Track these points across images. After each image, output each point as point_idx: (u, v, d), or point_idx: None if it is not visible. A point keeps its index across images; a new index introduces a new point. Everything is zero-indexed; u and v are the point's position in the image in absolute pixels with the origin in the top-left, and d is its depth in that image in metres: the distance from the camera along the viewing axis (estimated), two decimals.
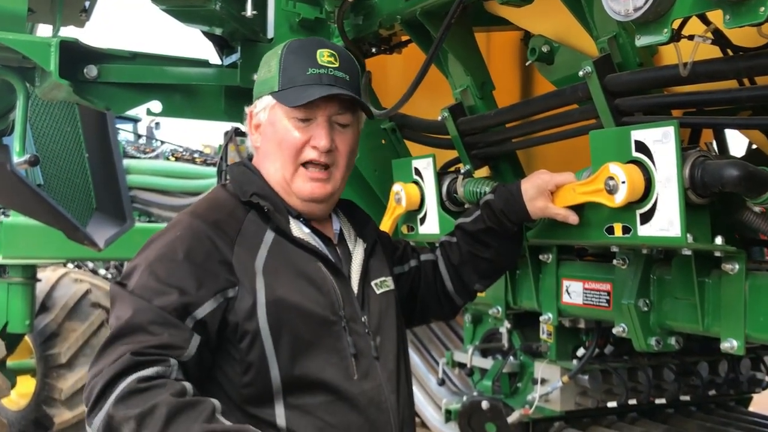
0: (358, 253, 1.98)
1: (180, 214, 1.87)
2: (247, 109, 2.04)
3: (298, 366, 1.76)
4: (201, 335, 1.70)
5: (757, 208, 1.88)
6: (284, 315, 1.75)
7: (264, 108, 1.93)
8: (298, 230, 1.89)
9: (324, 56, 1.88)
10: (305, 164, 1.88)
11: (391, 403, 1.86)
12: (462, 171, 2.65)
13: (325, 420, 1.76)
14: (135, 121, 16.03)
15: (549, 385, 2.87)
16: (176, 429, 1.53)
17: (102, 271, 13.83)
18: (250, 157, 2.05)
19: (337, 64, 1.89)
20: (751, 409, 3.62)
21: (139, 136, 15.72)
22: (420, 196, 2.67)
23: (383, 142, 3.08)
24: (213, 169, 8.82)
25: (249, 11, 2.79)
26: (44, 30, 3.59)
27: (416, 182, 2.69)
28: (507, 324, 3.06)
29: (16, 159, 2.88)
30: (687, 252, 2.00)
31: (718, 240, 1.89)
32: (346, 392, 1.79)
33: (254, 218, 1.85)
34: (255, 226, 1.84)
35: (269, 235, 1.84)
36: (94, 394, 1.60)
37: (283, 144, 1.87)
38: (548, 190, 2.11)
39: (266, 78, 1.93)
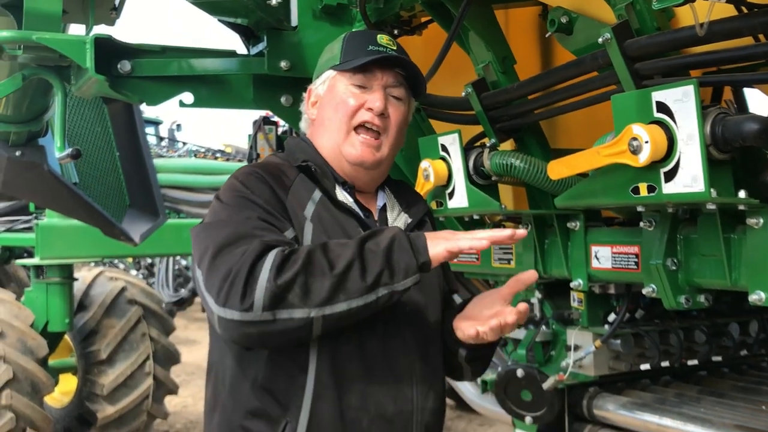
0: (396, 225, 2.04)
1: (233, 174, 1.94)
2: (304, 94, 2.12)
3: None
4: None
5: None
6: None
7: (324, 81, 2.03)
8: (342, 196, 1.97)
9: (384, 39, 1.99)
10: (357, 129, 1.96)
11: (415, 366, 1.92)
12: (488, 145, 2.72)
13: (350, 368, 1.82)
14: (156, 123, 16.16)
15: (582, 350, 2.91)
16: (337, 253, 1.66)
17: (133, 272, 14.08)
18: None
19: (395, 48, 1.99)
20: None
21: (161, 139, 15.88)
22: (448, 171, 2.74)
23: None
24: (239, 165, 8.93)
25: (274, 0, 2.88)
26: (75, 30, 3.70)
27: (443, 158, 2.76)
28: (538, 294, 3.12)
29: (57, 154, 2.99)
30: (711, 207, 2.06)
31: (741, 194, 1.94)
32: (371, 346, 1.85)
33: (303, 179, 1.95)
34: (304, 185, 1.94)
35: (317, 194, 1.93)
36: (240, 283, 1.63)
37: (339, 106, 1.96)
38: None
39: (328, 58, 2.04)
